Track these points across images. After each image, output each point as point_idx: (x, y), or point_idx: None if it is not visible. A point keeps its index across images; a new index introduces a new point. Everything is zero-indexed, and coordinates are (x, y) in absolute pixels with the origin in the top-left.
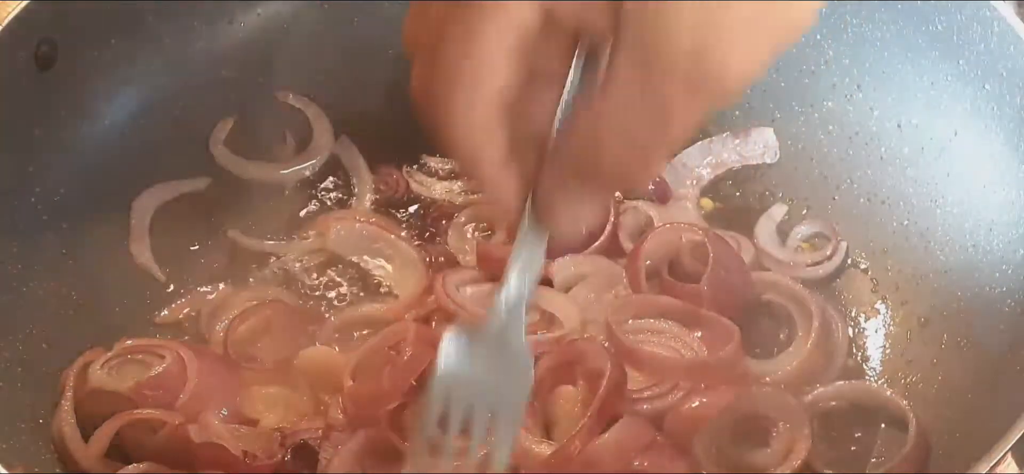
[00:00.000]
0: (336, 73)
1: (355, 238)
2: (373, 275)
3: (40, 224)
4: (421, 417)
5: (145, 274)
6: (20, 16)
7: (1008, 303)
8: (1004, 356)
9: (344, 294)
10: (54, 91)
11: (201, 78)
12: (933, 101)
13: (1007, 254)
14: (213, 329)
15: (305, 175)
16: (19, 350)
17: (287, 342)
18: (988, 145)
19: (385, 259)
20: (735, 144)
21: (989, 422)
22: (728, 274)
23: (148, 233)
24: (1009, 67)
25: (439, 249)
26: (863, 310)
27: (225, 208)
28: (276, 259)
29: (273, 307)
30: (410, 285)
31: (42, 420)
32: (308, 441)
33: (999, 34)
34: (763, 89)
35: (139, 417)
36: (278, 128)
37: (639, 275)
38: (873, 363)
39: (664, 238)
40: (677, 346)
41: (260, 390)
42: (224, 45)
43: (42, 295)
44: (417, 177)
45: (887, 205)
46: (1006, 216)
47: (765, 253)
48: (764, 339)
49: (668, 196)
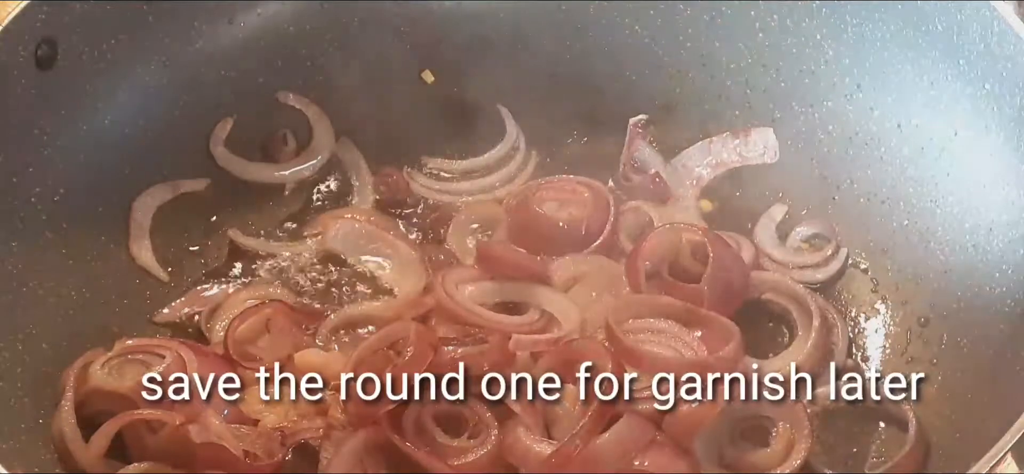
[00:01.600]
0: (336, 73)
1: (354, 237)
2: (372, 275)
3: (40, 224)
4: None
5: (145, 274)
6: (20, 16)
7: (1008, 303)
8: (1004, 356)
9: (343, 293)
10: (54, 91)
11: (201, 78)
12: (933, 101)
13: (1007, 254)
14: (213, 329)
15: (305, 176)
16: (19, 350)
17: (287, 341)
18: (988, 145)
19: (384, 258)
20: (735, 144)
21: (989, 422)
22: (728, 274)
23: (149, 233)
24: (1009, 67)
25: (439, 249)
26: (863, 310)
27: (225, 208)
28: (275, 259)
29: (273, 307)
30: (409, 284)
31: (42, 420)
32: (308, 441)
33: (999, 34)
34: (763, 89)
35: (140, 417)
36: (279, 129)
37: (639, 275)
38: (873, 363)
39: (664, 238)
40: (677, 346)
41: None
42: (224, 45)
43: (42, 295)
44: (418, 178)
45: (887, 205)
46: (1006, 216)
47: (765, 253)
48: (764, 339)
49: (668, 196)
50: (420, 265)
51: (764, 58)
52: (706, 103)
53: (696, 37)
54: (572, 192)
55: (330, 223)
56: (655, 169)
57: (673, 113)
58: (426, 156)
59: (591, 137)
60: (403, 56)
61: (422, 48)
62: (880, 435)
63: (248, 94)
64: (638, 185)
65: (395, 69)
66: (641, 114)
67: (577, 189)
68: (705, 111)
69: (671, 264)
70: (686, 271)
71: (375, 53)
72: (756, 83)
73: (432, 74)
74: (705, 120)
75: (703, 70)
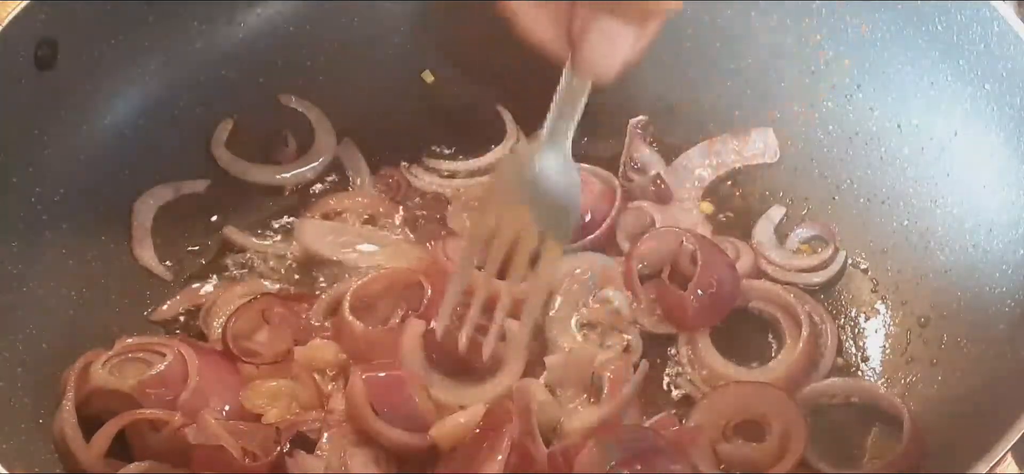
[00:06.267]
0: (336, 73)
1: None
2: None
3: (40, 224)
4: (467, 243)
5: (145, 274)
6: (20, 16)
7: (1008, 303)
8: (1004, 356)
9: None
10: (54, 91)
11: (201, 78)
12: (933, 101)
13: (1007, 254)
14: (211, 326)
15: (307, 178)
16: (19, 350)
17: (287, 335)
18: (988, 145)
19: (373, 245)
20: (735, 145)
21: (989, 422)
22: (717, 283)
23: (150, 234)
24: (1009, 67)
25: (439, 228)
26: (863, 310)
27: (225, 208)
28: (269, 255)
29: (267, 300)
30: (401, 262)
31: (42, 420)
32: (305, 433)
33: (999, 34)
34: (763, 89)
35: (140, 417)
36: (279, 130)
37: (632, 276)
38: (873, 363)
39: (659, 242)
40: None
41: (262, 384)
42: (224, 45)
43: (42, 295)
44: (417, 173)
45: (887, 205)
46: (1006, 216)
47: (764, 256)
48: (753, 347)
49: (670, 198)
50: (412, 247)
51: (764, 58)
52: (706, 103)
53: (696, 37)
54: (582, 181)
55: (302, 228)
56: (656, 170)
57: (673, 113)
58: (426, 156)
59: (591, 137)
60: (403, 56)
61: (422, 48)
62: (876, 433)
63: (249, 94)
64: (638, 186)
65: (395, 69)
66: (641, 114)
67: (587, 178)
68: (705, 111)
69: (672, 267)
70: (685, 275)
71: (375, 53)
72: (756, 83)
73: (432, 74)
74: (705, 120)
75: (703, 70)
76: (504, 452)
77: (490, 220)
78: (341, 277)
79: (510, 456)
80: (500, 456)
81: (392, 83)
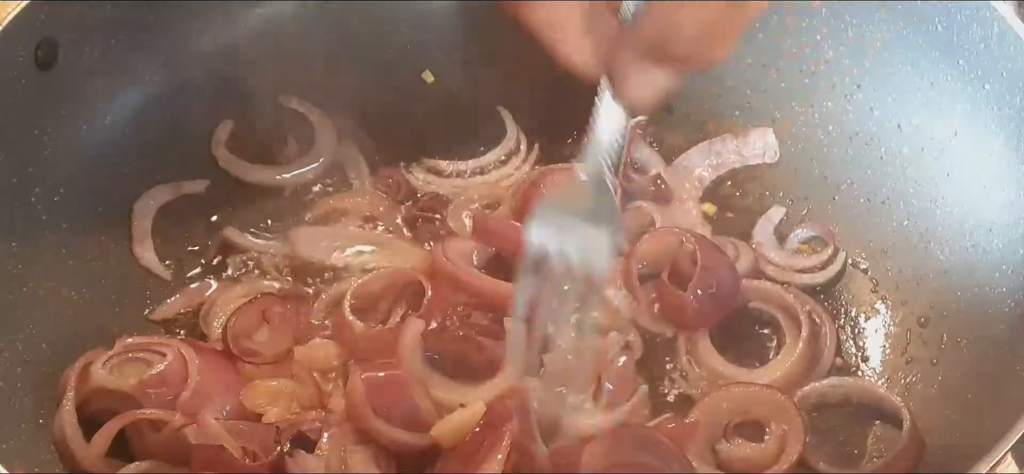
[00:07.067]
0: (335, 74)
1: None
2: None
3: (40, 224)
4: (519, 282)
5: (145, 274)
6: (20, 16)
7: (1008, 303)
8: (1004, 356)
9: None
10: (54, 91)
11: (201, 78)
12: (933, 101)
13: (1007, 254)
14: (211, 325)
15: (307, 178)
16: (19, 350)
17: (287, 334)
18: (988, 145)
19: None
20: (735, 145)
21: (989, 422)
22: (716, 283)
23: (150, 234)
24: (1009, 67)
25: (438, 227)
26: (863, 310)
27: (225, 208)
28: (272, 256)
29: (267, 300)
30: (399, 261)
31: (43, 420)
32: (305, 432)
33: (999, 34)
34: (763, 89)
35: (141, 417)
36: (280, 130)
37: (632, 276)
38: (873, 363)
39: (659, 243)
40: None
41: (263, 384)
42: (224, 45)
43: (42, 295)
44: (417, 173)
45: (887, 205)
46: (1006, 216)
47: (764, 257)
48: (753, 347)
49: (670, 198)
50: (411, 247)
51: (764, 58)
52: (706, 103)
53: None
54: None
55: (296, 236)
56: (656, 170)
57: (673, 113)
58: (426, 156)
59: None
60: (403, 56)
61: (422, 48)
62: (875, 432)
63: (249, 95)
64: (638, 186)
65: (395, 69)
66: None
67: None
68: (705, 111)
69: (672, 267)
70: (685, 275)
71: (375, 53)
72: (756, 83)
73: (432, 74)
74: (705, 120)
75: (703, 70)
76: (504, 451)
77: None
78: (341, 277)
79: (510, 455)
80: (500, 455)
81: (392, 83)
